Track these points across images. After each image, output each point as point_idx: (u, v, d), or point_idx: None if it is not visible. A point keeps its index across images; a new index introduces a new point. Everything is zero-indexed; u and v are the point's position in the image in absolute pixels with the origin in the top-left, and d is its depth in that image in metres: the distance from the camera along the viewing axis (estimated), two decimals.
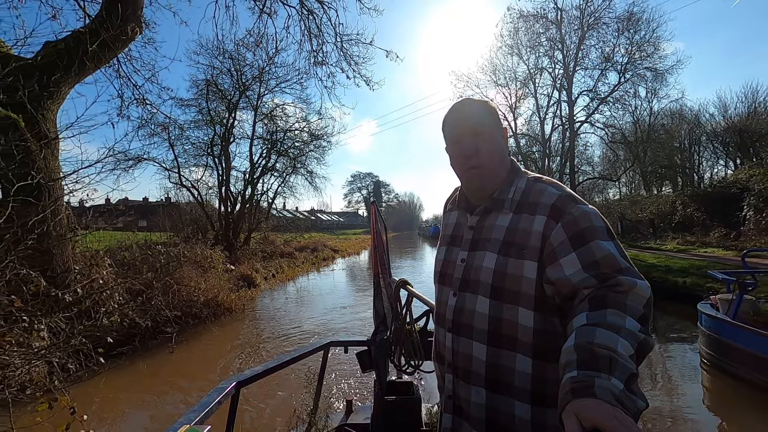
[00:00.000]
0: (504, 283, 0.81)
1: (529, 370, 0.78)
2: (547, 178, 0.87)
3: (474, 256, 0.88)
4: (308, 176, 17.43)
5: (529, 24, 23.65)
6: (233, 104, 14.50)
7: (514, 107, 26.00)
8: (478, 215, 0.92)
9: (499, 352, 0.81)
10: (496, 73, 25.25)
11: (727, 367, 4.09)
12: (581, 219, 0.75)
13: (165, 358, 5.10)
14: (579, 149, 26.77)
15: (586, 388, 0.47)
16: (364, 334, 6.45)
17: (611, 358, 0.52)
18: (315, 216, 52.51)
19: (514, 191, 0.87)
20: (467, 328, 0.86)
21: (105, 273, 5.17)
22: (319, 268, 16.52)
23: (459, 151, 0.89)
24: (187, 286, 6.49)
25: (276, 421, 3.37)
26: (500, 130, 0.90)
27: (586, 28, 22.31)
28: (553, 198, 0.80)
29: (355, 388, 4.12)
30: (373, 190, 67.02)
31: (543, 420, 0.78)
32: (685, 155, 29.77)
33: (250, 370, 1.41)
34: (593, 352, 0.54)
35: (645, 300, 0.65)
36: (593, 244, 0.72)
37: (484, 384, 0.83)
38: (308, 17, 10.45)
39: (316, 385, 1.90)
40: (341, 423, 1.70)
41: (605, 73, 22.50)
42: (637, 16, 20.72)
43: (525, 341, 0.78)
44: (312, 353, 1.70)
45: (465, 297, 0.87)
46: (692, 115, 27.16)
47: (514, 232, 0.82)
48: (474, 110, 0.88)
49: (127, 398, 4.09)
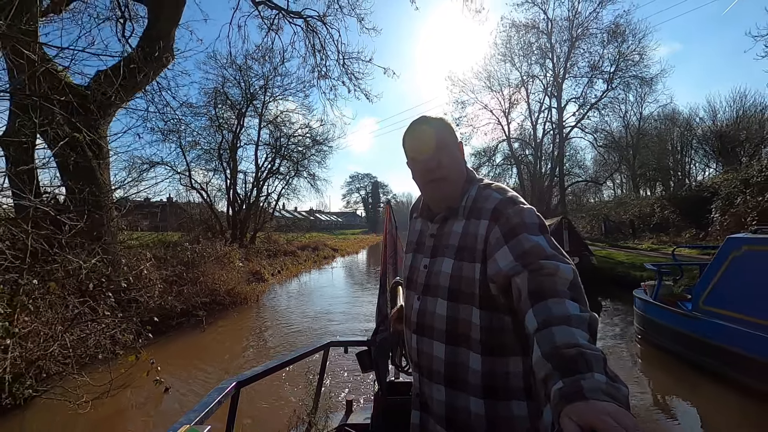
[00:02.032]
0: (459, 285, 0.87)
1: (479, 367, 0.84)
2: (495, 185, 0.94)
3: (434, 262, 0.94)
4: (310, 179, 18.50)
5: (521, 33, 24.81)
6: (241, 112, 15.54)
7: (507, 112, 27.16)
8: (437, 223, 0.98)
9: (456, 350, 0.87)
10: (491, 80, 26.45)
11: (652, 339, 5.16)
12: (514, 216, 0.82)
13: (198, 336, 6.14)
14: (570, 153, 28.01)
15: (577, 393, 0.49)
16: (360, 321, 7.70)
17: (581, 354, 0.54)
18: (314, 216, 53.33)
19: (467, 199, 0.93)
20: (429, 329, 0.92)
21: (148, 265, 6.19)
22: (320, 265, 17.54)
23: (421, 165, 0.95)
24: (211, 278, 7.54)
25: (276, 421, 3.36)
26: (456, 143, 0.96)
27: (575, 39, 23.47)
28: (495, 202, 0.87)
29: (355, 388, 4.15)
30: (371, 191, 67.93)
31: (495, 413, 0.83)
32: (676, 158, 30.88)
33: (250, 370, 1.42)
34: (563, 355, 0.56)
35: (568, 283, 0.69)
36: (522, 237, 0.78)
37: (444, 381, 0.89)
38: (312, 35, 11.50)
39: (316, 385, 1.91)
40: (341, 423, 1.69)
41: (593, 81, 23.67)
42: (623, 27, 21.88)
43: (476, 339, 0.84)
44: (312, 353, 1.72)
45: (427, 300, 0.93)
46: (683, 119, 27.90)
47: (466, 237, 0.89)
48: (433, 126, 0.94)
49: (175, 362, 5.11)
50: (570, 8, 23.19)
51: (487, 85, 26.48)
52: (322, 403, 1.96)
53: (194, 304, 6.64)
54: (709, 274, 4.14)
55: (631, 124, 29.53)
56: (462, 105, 27.12)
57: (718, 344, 3.94)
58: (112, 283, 4.97)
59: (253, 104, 15.83)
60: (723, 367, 3.89)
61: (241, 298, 8.06)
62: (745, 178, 12.73)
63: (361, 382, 4.21)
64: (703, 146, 27.33)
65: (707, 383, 3.99)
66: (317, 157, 18.48)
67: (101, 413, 3.60)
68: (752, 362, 3.56)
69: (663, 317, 4.86)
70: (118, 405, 3.80)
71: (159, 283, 6.14)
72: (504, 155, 27.67)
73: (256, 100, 15.83)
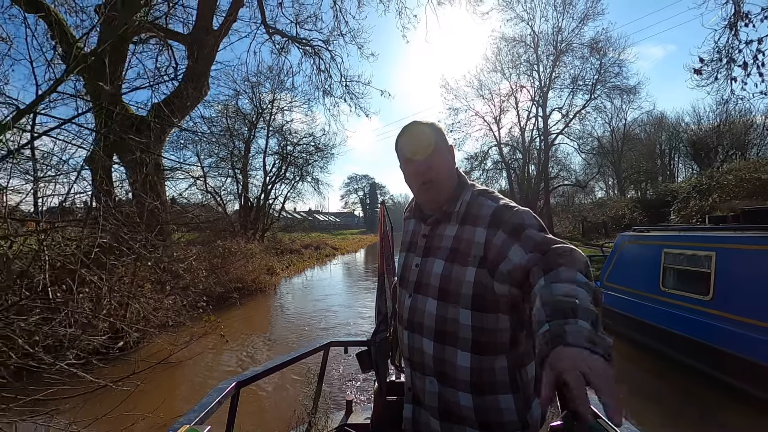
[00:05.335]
0: (449, 285, 0.91)
1: (468, 364, 0.88)
2: (489, 192, 0.98)
3: (426, 262, 0.98)
4: (314, 183, 20.18)
5: (511, 46, 26.57)
6: (253, 124, 17.19)
7: (498, 119, 28.87)
8: (430, 225, 1.02)
9: (444, 348, 0.91)
10: (482, 88, 28.16)
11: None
12: (515, 218, 0.86)
13: (237, 311, 7.83)
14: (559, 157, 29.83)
15: (559, 337, 0.51)
16: (360, 307, 9.81)
17: (574, 304, 0.58)
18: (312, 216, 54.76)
19: (460, 204, 0.96)
20: (419, 326, 0.96)
21: (193, 257, 7.83)
22: (323, 262, 19.22)
23: (414, 167, 0.98)
24: (240, 269, 9.21)
25: (276, 421, 3.38)
26: (448, 147, 0.99)
27: (559, 52, 25.25)
28: (491, 209, 0.91)
29: (355, 388, 4.22)
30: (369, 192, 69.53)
31: (483, 406, 0.88)
32: (664, 161, 32.49)
33: (250, 370, 1.43)
34: (558, 302, 0.59)
35: (581, 262, 0.72)
36: (528, 232, 0.83)
37: (434, 375, 0.94)
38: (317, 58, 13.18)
39: (316, 385, 1.92)
40: (341, 423, 1.70)
41: (575, 92, 25.48)
42: (601, 44, 23.70)
43: (464, 338, 0.89)
44: (312, 353, 1.73)
45: (418, 298, 0.97)
46: (670, 124, 29.38)
47: (460, 241, 0.93)
48: (425, 130, 0.97)
49: (227, 326, 6.77)
50: (554, 25, 24.99)
51: (479, 94, 28.27)
52: (322, 403, 1.95)
53: (228, 289, 8.30)
54: (609, 260, 5.85)
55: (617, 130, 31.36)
56: (455, 112, 28.81)
57: (612, 309, 5.64)
58: (173, 270, 6.62)
59: (263, 116, 17.50)
60: (615, 327, 5.58)
61: (262, 286, 9.74)
62: (696, 185, 14.53)
63: (361, 382, 4.27)
64: (688, 150, 28.51)
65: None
66: (320, 163, 20.20)
67: (188, 354, 5.26)
68: (624, 317, 5.24)
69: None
70: (198, 348, 5.46)
71: (203, 271, 7.79)
72: (494, 160, 29.40)
73: (265, 113, 17.50)
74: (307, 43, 12.60)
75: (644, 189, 30.24)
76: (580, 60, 24.90)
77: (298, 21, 11.98)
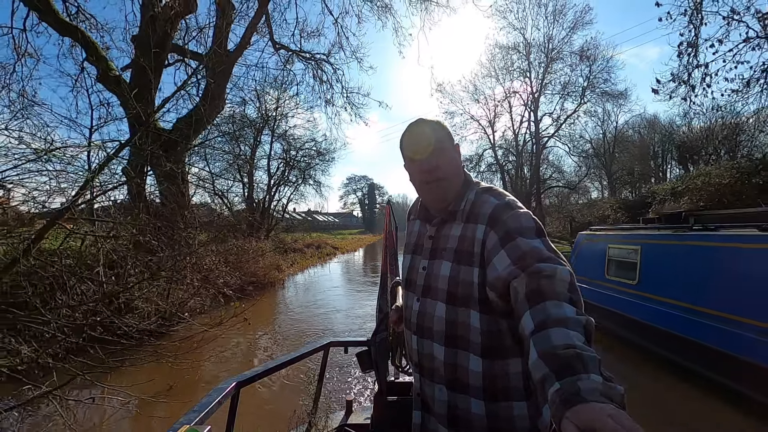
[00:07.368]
0: (457, 288, 0.88)
1: (479, 369, 0.86)
2: (493, 189, 0.95)
3: (433, 265, 0.96)
4: (316, 186, 21.25)
5: (504, 52, 27.68)
6: (258, 130, 18.24)
7: (492, 122, 30.00)
8: (435, 226, 1.00)
9: (455, 353, 0.89)
10: (477, 93, 29.26)
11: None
12: (510, 221, 0.83)
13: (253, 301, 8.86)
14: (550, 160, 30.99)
15: (575, 396, 0.49)
16: (360, 299, 11.20)
17: (577, 355, 0.54)
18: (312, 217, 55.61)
19: (465, 203, 0.95)
20: (428, 331, 0.93)
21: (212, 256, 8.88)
22: (324, 261, 20.28)
23: (419, 166, 0.95)
24: (253, 266, 10.26)
25: (276, 421, 3.40)
26: (454, 145, 0.97)
27: (550, 60, 26.38)
28: (492, 207, 0.88)
29: (355, 388, 4.24)
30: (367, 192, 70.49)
31: (495, 414, 0.86)
32: (657, 162, 33.47)
33: (250, 371, 1.43)
34: (560, 357, 0.56)
35: (566, 285, 0.69)
36: (519, 240, 0.79)
37: (444, 382, 0.91)
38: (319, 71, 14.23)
39: (316, 385, 1.92)
40: (341, 423, 1.69)
41: (564, 98, 26.64)
42: (589, 53, 24.86)
43: (475, 342, 0.86)
44: (312, 353, 1.73)
45: (426, 302, 0.95)
46: (663, 125, 30.31)
47: (464, 240, 0.91)
48: (430, 129, 0.94)
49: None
50: (545, 33, 26.13)
51: (474, 98, 29.38)
52: (322, 403, 1.95)
53: (243, 283, 9.36)
54: (572, 254, 6.93)
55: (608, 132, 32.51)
56: (451, 115, 29.86)
57: None
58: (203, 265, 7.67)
59: (268, 123, 18.54)
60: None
61: (272, 281, 10.81)
62: (672, 187, 15.66)
63: (361, 382, 4.30)
64: (681, 151, 29.29)
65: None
66: (322, 166, 21.27)
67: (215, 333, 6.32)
68: (585, 304, 6.32)
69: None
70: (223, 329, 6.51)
71: (222, 267, 8.84)
72: (488, 162, 30.50)
73: (270, 120, 18.55)
74: (311, 57, 13.66)
75: (639, 190, 31.21)
76: (570, 67, 26.08)
77: (302, 36, 13.06)
